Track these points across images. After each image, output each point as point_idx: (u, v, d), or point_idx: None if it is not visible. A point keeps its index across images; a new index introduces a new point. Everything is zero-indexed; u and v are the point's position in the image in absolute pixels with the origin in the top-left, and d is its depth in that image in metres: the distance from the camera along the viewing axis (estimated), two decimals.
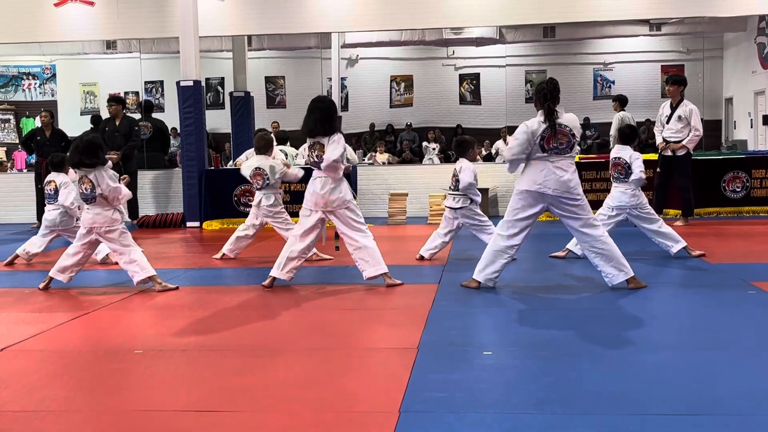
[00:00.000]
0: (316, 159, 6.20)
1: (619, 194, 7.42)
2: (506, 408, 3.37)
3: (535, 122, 5.83)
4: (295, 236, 6.34)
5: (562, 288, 6.03)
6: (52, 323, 5.26)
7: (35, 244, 8.10)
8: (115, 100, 12.38)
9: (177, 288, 6.40)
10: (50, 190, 8.01)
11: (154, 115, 16.51)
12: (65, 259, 6.49)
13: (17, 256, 8.13)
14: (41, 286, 6.52)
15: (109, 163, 6.47)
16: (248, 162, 8.20)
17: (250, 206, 11.18)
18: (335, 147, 6.12)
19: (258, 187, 7.84)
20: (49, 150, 11.71)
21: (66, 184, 7.90)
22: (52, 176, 8.05)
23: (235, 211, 11.33)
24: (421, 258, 7.63)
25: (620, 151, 7.47)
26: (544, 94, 5.82)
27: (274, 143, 8.48)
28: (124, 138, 11.74)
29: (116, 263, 7.71)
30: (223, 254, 8.01)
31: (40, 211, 12.17)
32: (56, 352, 4.62)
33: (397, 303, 5.77)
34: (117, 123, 11.91)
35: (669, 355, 4.18)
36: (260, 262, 7.80)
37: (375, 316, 5.46)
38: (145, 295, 6.24)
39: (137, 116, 14.54)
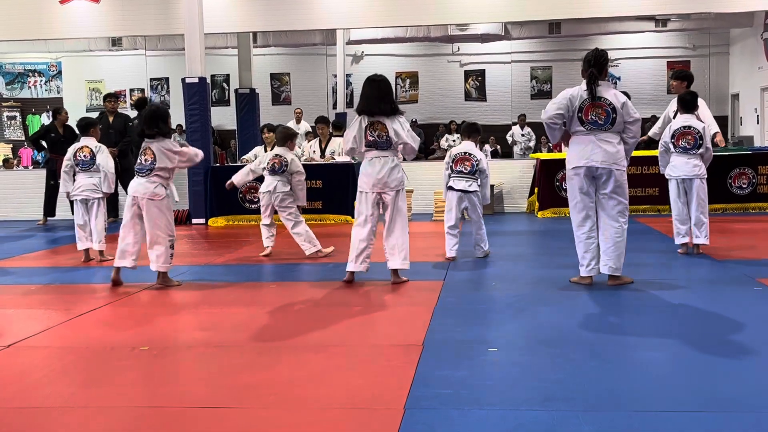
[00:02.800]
0: (377, 138, 6.14)
1: (682, 164, 7.24)
2: (511, 405, 3.37)
3: (576, 88, 5.83)
4: (357, 225, 6.26)
5: (568, 285, 6.02)
6: (58, 320, 5.28)
7: (87, 228, 7.87)
8: (114, 97, 12.41)
9: (180, 284, 6.42)
10: (84, 155, 7.82)
11: None
12: (121, 242, 6.37)
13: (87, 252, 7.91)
14: (113, 277, 6.40)
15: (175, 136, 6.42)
16: (266, 155, 8.18)
17: (256, 203, 11.25)
18: (410, 130, 6.20)
19: (273, 171, 7.82)
20: (62, 147, 11.78)
21: (101, 148, 7.83)
22: (84, 141, 7.90)
23: (241, 207, 11.34)
24: (453, 258, 7.42)
25: (690, 120, 7.30)
26: (588, 60, 5.79)
27: (296, 139, 8.43)
28: (119, 135, 11.76)
29: (112, 259, 7.73)
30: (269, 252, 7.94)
31: (50, 208, 12.22)
32: (62, 348, 4.63)
33: (402, 299, 5.77)
34: (111, 120, 11.92)
35: (674, 352, 4.17)
36: (266, 259, 7.81)
37: (380, 312, 5.46)
38: (151, 291, 6.25)
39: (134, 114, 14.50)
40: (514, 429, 3.08)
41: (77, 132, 12.02)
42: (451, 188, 7.51)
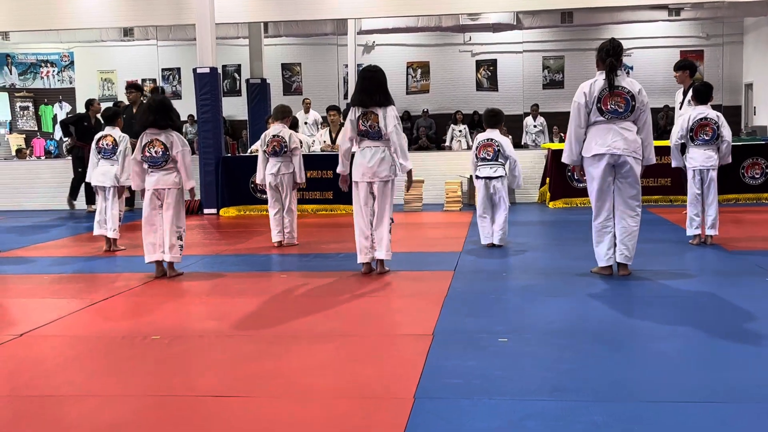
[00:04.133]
0: (369, 129, 6.15)
1: (700, 155, 7.23)
2: (521, 395, 3.37)
3: (588, 82, 5.81)
4: (357, 219, 6.25)
5: (578, 275, 6.01)
6: (71, 309, 5.31)
7: (103, 215, 7.87)
8: (134, 87, 12.46)
9: (182, 273, 6.46)
10: (107, 144, 7.86)
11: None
12: (148, 237, 6.35)
13: (109, 239, 7.88)
14: (156, 274, 6.37)
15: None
16: (265, 132, 8.19)
17: (266, 193, 11.27)
18: (398, 125, 6.14)
19: (275, 153, 7.84)
20: (91, 136, 11.87)
21: (123, 138, 7.88)
22: (108, 131, 7.96)
23: (252, 197, 11.36)
24: (492, 245, 7.48)
25: (706, 111, 7.27)
26: (606, 50, 5.75)
27: (291, 113, 8.42)
28: None
29: (124, 249, 7.77)
30: (279, 242, 7.98)
31: (75, 195, 12.36)
32: (74, 337, 4.66)
33: (412, 289, 5.77)
34: (134, 110, 11.98)
35: (684, 343, 4.17)
36: (276, 249, 7.83)
37: (390, 302, 5.47)
38: (162, 281, 6.27)
39: None
40: (523, 419, 3.09)
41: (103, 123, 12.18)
42: (477, 176, 7.57)
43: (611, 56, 5.74)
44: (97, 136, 8.03)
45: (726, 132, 7.27)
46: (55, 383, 3.75)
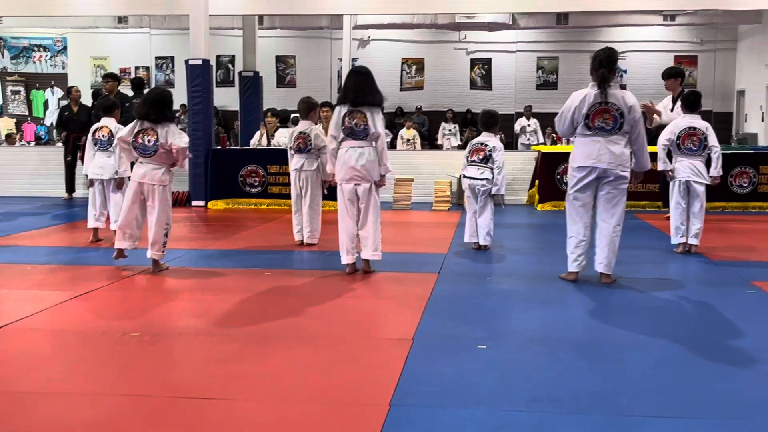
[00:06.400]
0: (354, 127, 6.12)
1: (687, 167, 7.24)
2: (497, 405, 3.37)
3: (581, 92, 5.80)
4: (341, 220, 6.25)
5: (561, 282, 6.02)
6: (51, 302, 5.28)
7: (99, 209, 7.84)
8: (111, 77, 12.42)
9: (168, 268, 6.45)
10: (103, 135, 7.81)
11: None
12: (122, 225, 6.37)
13: (97, 231, 7.86)
14: (115, 256, 6.42)
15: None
16: (291, 129, 8.10)
17: (256, 187, 11.26)
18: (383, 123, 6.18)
19: (299, 150, 7.72)
20: (75, 124, 11.88)
21: (120, 129, 7.83)
22: (105, 122, 7.89)
23: (241, 191, 11.34)
24: (479, 246, 7.48)
25: (694, 120, 7.30)
26: (600, 60, 5.74)
27: (318, 109, 8.28)
28: None
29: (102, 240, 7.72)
30: (300, 242, 7.84)
31: (70, 185, 12.36)
32: (52, 332, 4.63)
33: (395, 292, 5.77)
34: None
35: (664, 354, 4.17)
36: (263, 245, 7.82)
37: (373, 305, 5.46)
38: (146, 276, 6.25)
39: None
40: (496, 430, 3.09)
41: (90, 109, 12.13)
42: (464, 176, 7.57)
43: (604, 67, 5.72)
44: (93, 128, 7.97)
45: (714, 141, 7.28)
46: (30, 380, 3.73)
